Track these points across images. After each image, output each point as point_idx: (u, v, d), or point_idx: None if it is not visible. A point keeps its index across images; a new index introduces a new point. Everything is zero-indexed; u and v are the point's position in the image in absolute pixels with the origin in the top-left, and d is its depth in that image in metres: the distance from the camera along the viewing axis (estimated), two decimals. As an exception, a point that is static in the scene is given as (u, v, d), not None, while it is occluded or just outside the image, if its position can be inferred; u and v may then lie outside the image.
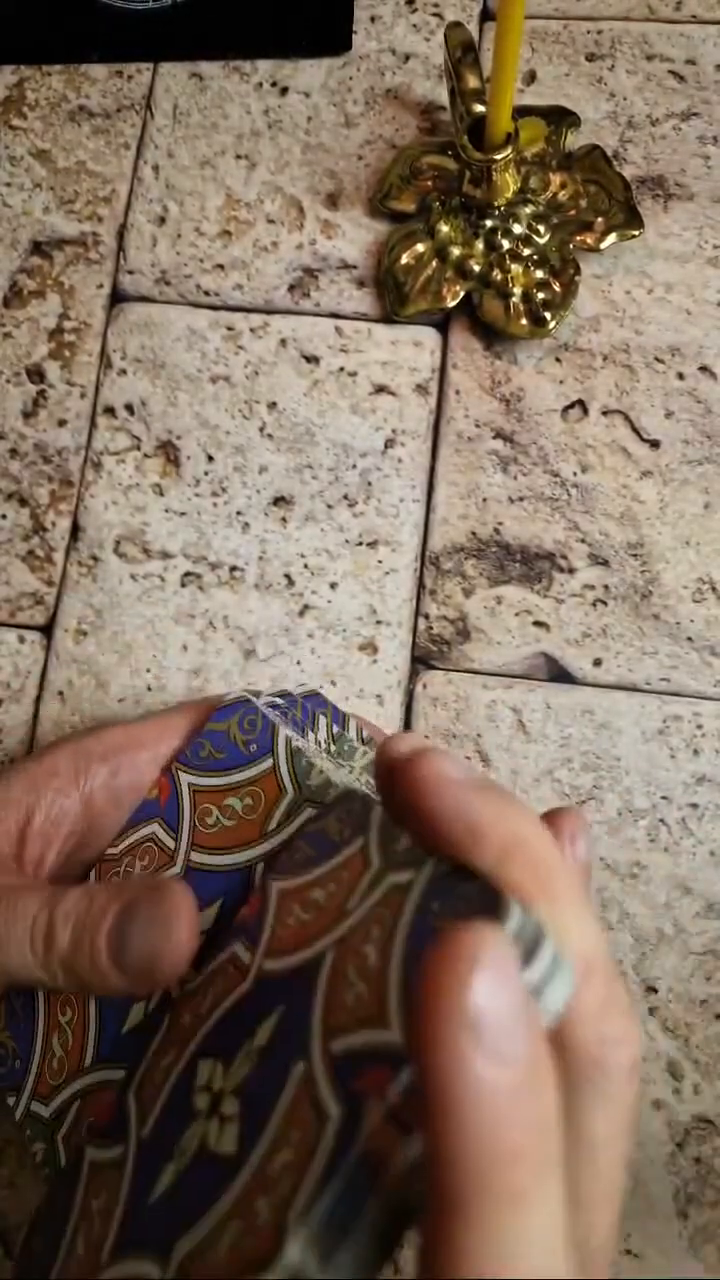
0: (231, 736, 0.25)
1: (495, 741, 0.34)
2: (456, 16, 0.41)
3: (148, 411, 0.38)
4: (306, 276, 0.39)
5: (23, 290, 0.40)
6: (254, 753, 0.25)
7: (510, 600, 0.35)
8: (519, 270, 0.36)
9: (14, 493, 0.38)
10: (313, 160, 0.40)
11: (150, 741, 0.26)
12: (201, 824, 0.24)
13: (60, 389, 0.38)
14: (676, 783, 0.33)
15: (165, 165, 0.41)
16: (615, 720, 0.34)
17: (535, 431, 0.36)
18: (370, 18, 0.41)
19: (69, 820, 0.25)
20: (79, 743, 0.25)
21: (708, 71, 0.39)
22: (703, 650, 0.34)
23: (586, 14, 0.40)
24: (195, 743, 0.25)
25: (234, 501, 0.37)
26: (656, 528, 0.35)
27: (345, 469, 0.37)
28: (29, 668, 0.36)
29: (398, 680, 0.35)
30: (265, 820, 0.23)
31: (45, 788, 0.24)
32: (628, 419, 0.36)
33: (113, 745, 0.25)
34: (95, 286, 0.39)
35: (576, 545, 0.35)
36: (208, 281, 0.39)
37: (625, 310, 0.37)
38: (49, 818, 0.24)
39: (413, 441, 0.37)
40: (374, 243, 0.39)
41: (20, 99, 0.42)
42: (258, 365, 0.38)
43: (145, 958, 0.20)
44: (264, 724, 0.25)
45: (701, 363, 0.36)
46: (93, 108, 0.42)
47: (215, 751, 0.25)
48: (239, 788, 0.24)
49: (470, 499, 0.36)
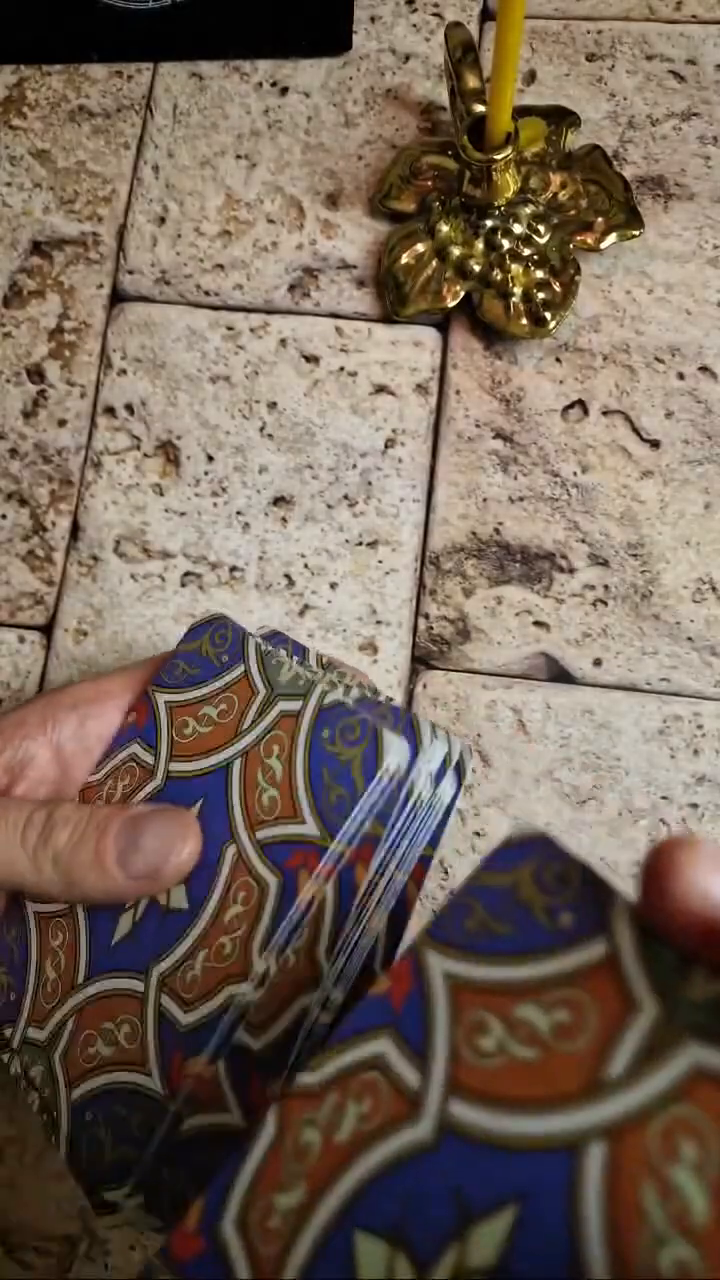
0: (204, 652, 0.26)
1: (495, 741, 0.34)
2: (456, 16, 0.41)
3: (148, 411, 0.38)
4: (306, 276, 0.39)
5: (23, 290, 0.40)
6: (226, 663, 0.25)
7: (510, 600, 0.35)
8: (519, 270, 0.36)
9: (14, 493, 0.38)
10: (313, 160, 0.40)
11: (118, 691, 0.27)
12: (179, 735, 0.25)
13: (60, 389, 0.38)
14: (676, 783, 0.33)
15: (165, 165, 0.41)
16: (615, 720, 0.34)
17: (535, 431, 0.36)
18: (370, 18, 0.41)
19: (38, 765, 0.25)
20: (50, 697, 0.26)
21: (708, 71, 0.39)
22: (703, 650, 0.34)
23: (586, 14, 0.40)
24: (170, 664, 0.26)
25: (234, 501, 0.37)
26: (657, 528, 0.35)
27: (345, 469, 0.37)
28: (29, 668, 0.36)
29: (398, 680, 0.35)
30: (239, 720, 0.24)
31: (13, 735, 0.25)
32: (628, 419, 0.36)
33: (81, 696, 0.26)
34: (95, 286, 0.39)
35: (576, 545, 0.35)
36: (208, 281, 0.39)
37: (625, 310, 0.37)
38: (16, 757, 0.25)
39: (413, 441, 0.37)
40: (374, 243, 0.39)
41: (20, 99, 0.42)
42: (258, 365, 0.38)
43: (153, 863, 0.22)
44: (234, 635, 0.26)
45: (701, 363, 0.36)
46: (93, 108, 0.42)
47: (189, 669, 0.26)
48: (214, 696, 0.25)
49: (470, 499, 0.36)
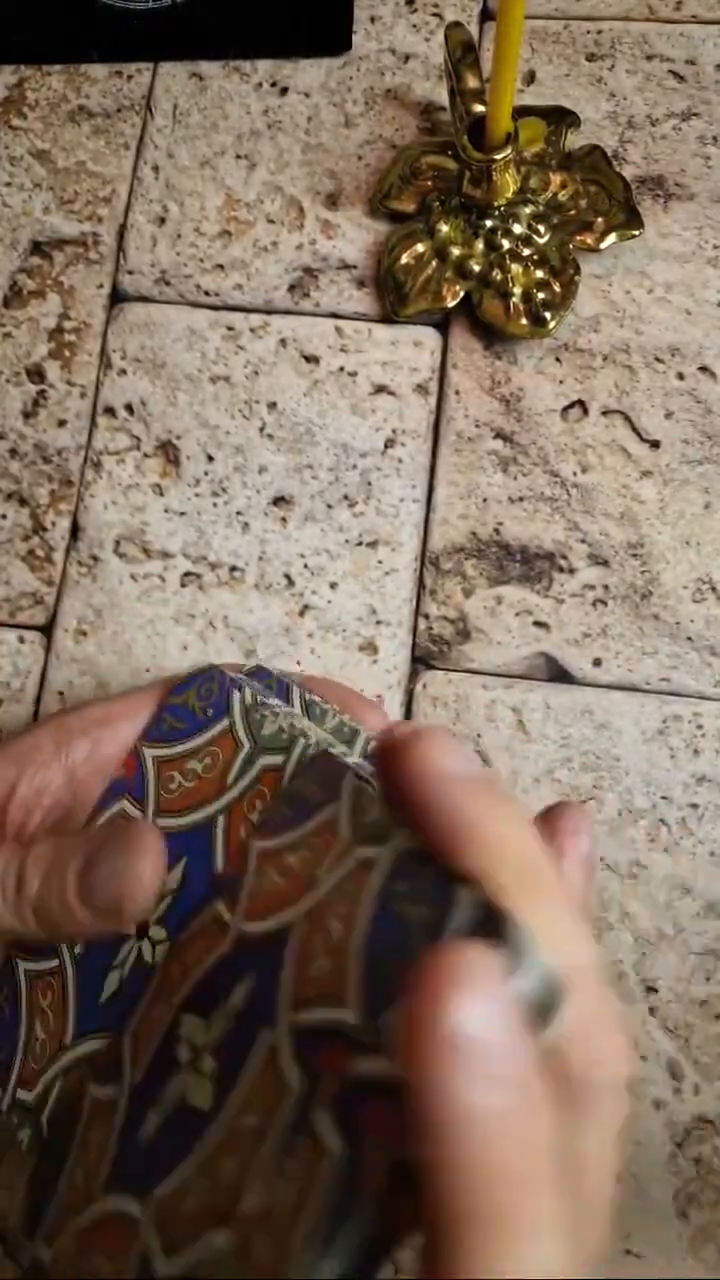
0: (190, 706, 0.26)
1: (495, 741, 0.34)
2: (456, 16, 0.41)
3: (148, 411, 0.38)
4: (306, 276, 0.39)
5: (23, 290, 0.40)
6: (210, 716, 0.25)
7: (510, 600, 0.35)
8: (519, 270, 0.36)
9: (14, 493, 0.38)
10: (313, 160, 0.40)
11: (129, 713, 0.27)
12: (165, 790, 0.25)
13: (60, 389, 0.38)
14: (676, 783, 0.33)
15: (165, 165, 0.41)
16: (615, 720, 0.34)
17: (535, 431, 0.36)
18: (370, 18, 0.41)
19: (52, 791, 0.25)
20: (60, 720, 0.26)
21: (708, 71, 0.39)
22: (703, 650, 0.34)
23: (586, 14, 0.40)
24: (158, 719, 0.26)
25: (234, 501, 0.37)
26: (656, 528, 0.35)
27: (345, 469, 0.37)
28: (29, 668, 0.36)
29: (398, 680, 0.35)
30: (224, 776, 0.24)
31: (28, 762, 0.25)
32: (628, 419, 0.36)
33: (92, 720, 0.26)
34: (95, 286, 0.39)
35: (576, 545, 0.35)
36: (208, 281, 0.39)
37: (625, 310, 0.37)
38: (32, 788, 0.25)
39: (413, 441, 0.37)
40: (374, 243, 0.39)
41: (20, 99, 0.42)
42: (258, 365, 0.38)
43: (112, 893, 0.21)
44: (220, 688, 0.26)
45: (701, 363, 0.36)
46: (93, 108, 0.42)
47: (176, 723, 0.26)
48: (198, 751, 0.25)
49: (470, 499, 0.36)
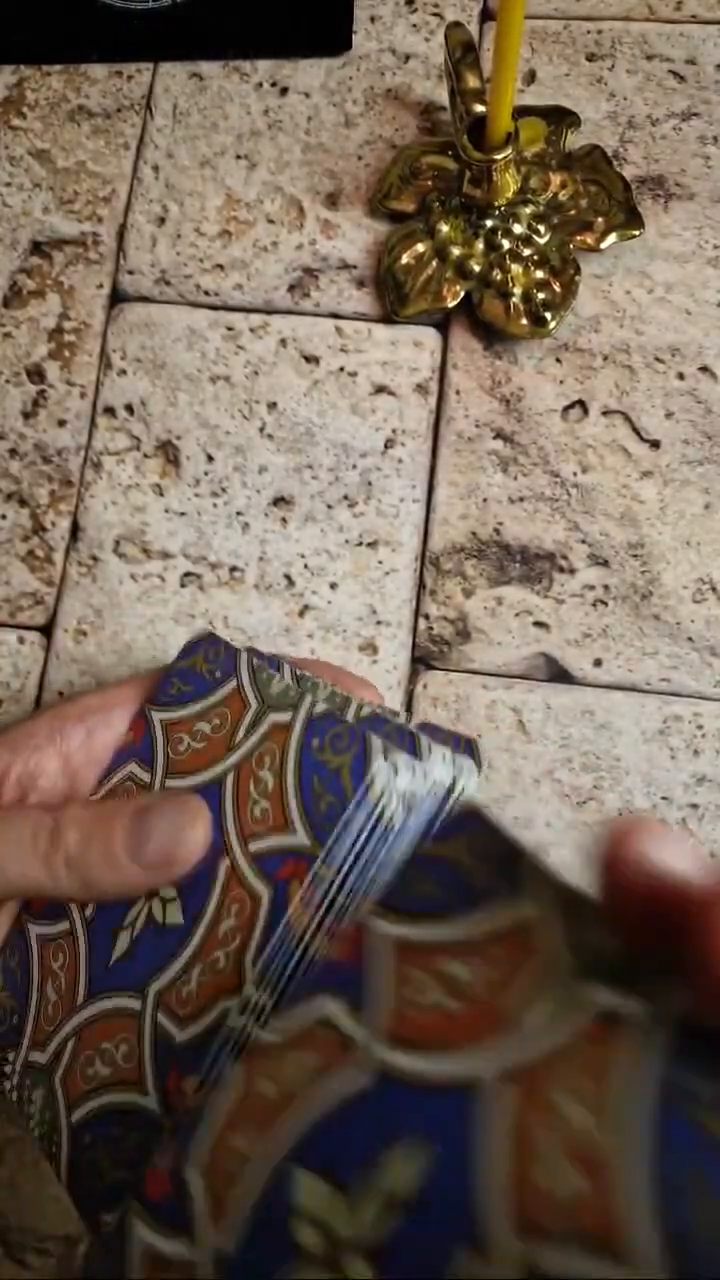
0: (197, 669, 0.26)
1: (495, 742, 0.34)
2: (456, 16, 0.41)
3: (147, 411, 0.38)
4: (306, 276, 0.39)
5: (23, 290, 0.40)
6: (218, 678, 0.26)
7: (510, 600, 0.35)
8: (519, 270, 0.36)
9: (14, 493, 0.38)
10: (313, 160, 0.40)
11: (124, 701, 0.27)
12: (174, 752, 0.25)
13: (60, 389, 0.38)
14: (676, 783, 0.33)
15: (165, 165, 0.41)
16: (615, 720, 0.34)
17: (535, 431, 0.36)
18: (370, 18, 0.41)
19: (47, 777, 0.26)
20: (56, 709, 0.27)
21: (708, 71, 0.39)
22: (703, 650, 0.34)
23: (586, 14, 0.40)
24: (165, 682, 0.27)
25: (234, 501, 0.37)
26: (657, 528, 0.35)
27: (345, 469, 0.37)
28: (29, 668, 0.36)
29: (398, 680, 0.35)
30: (232, 735, 0.24)
31: (22, 747, 0.26)
32: (628, 419, 0.36)
33: (87, 708, 0.27)
34: (95, 286, 0.39)
35: (576, 545, 0.35)
36: (208, 281, 0.39)
37: (625, 310, 0.37)
38: (26, 770, 0.26)
39: (413, 441, 0.37)
40: (374, 243, 0.39)
41: (20, 99, 0.42)
42: (258, 365, 0.38)
43: (165, 848, 0.23)
44: (226, 650, 0.26)
45: (702, 363, 0.36)
46: (93, 108, 0.42)
47: (183, 686, 0.26)
48: (207, 712, 0.25)
49: (470, 499, 0.36)
